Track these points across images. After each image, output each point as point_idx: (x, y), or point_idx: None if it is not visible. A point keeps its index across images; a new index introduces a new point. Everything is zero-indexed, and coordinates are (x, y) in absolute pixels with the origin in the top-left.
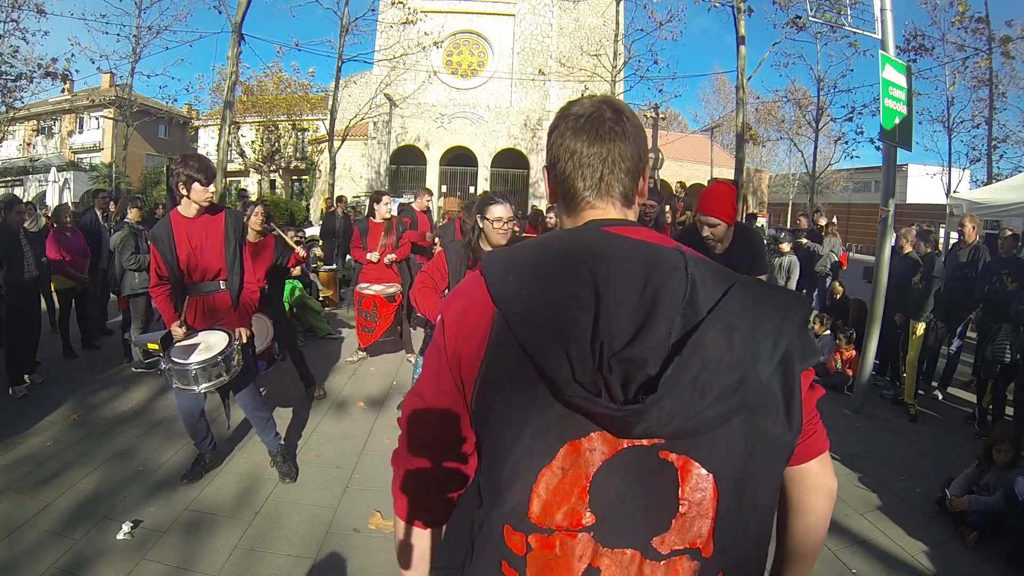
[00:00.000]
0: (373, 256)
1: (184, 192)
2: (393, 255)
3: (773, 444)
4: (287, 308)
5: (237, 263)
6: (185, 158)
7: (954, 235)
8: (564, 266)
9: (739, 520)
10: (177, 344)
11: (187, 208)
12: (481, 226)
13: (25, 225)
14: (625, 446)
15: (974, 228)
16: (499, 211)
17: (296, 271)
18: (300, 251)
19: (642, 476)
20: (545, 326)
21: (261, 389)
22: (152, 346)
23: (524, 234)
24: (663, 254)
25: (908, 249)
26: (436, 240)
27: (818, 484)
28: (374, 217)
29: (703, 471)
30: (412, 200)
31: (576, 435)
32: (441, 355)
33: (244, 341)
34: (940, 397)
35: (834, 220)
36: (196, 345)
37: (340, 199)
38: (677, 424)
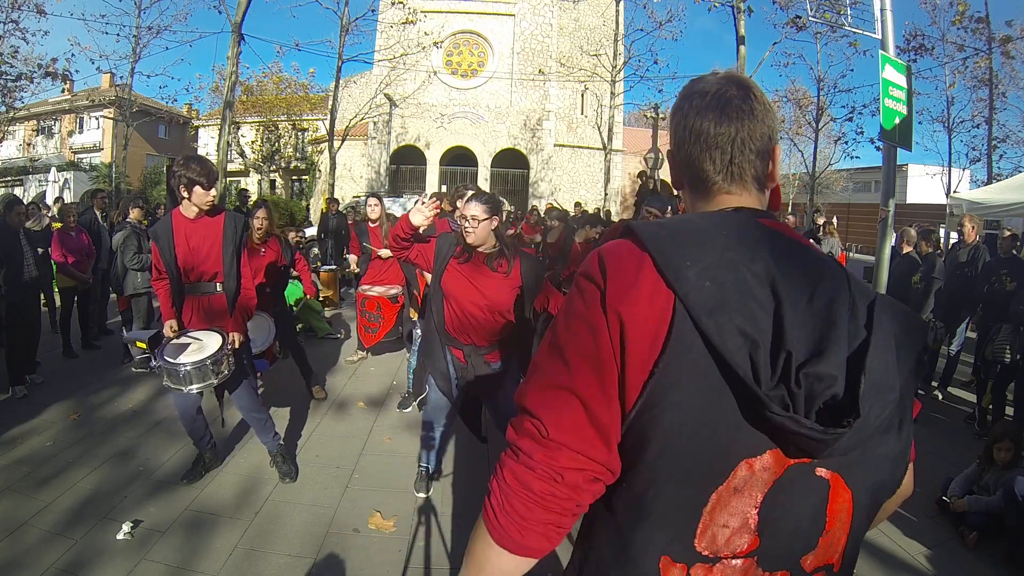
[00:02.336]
0: (384, 253)
1: (185, 195)
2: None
3: (893, 458)
4: (290, 307)
5: (234, 266)
6: (187, 160)
7: (954, 235)
8: (740, 258)
9: (862, 533)
10: (170, 343)
11: (188, 209)
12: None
13: (28, 224)
14: (791, 463)
15: (974, 228)
16: (466, 208)
17: (295, 272)
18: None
19: (800, 493)
20: (732, 323)
21: (259, 386)
22: (140, 344)
23: (515, 233)
24: (824, 262)
25: (908, 249)
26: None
27: (902, 491)
28: (369, 220)
29: (845, 488)
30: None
31: (753, 452)
32: (600, 331)
33: (236, 346)
34: (940, 397)
35: (833, 220)
36: (188, 345)
37: (334, 200)
38: (850, 444)
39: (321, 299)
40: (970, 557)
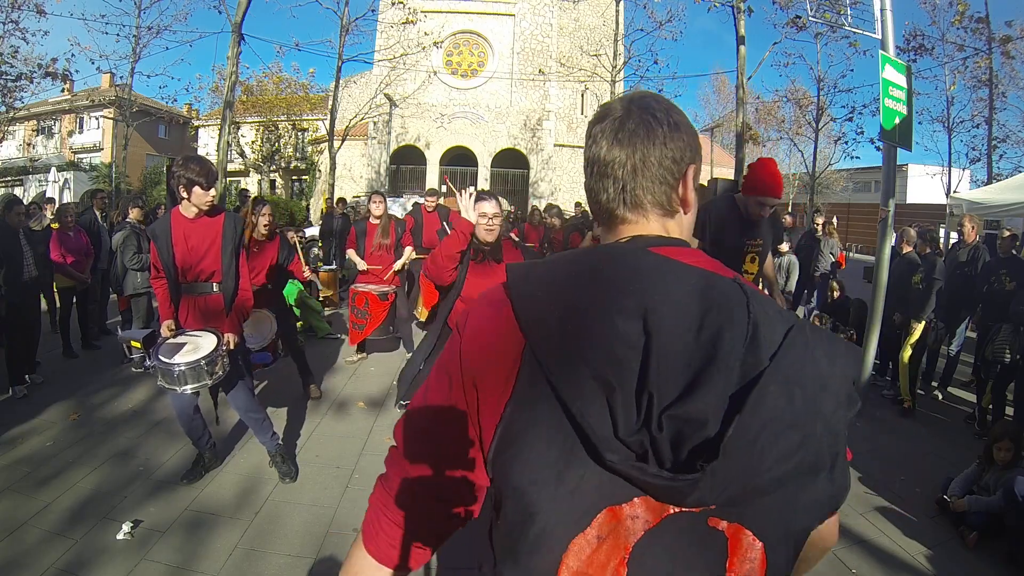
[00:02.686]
0: (362, 266)
1: (184, 195)
2: (401, 261)
3: (818, 504)
4: (291, 306)
5: (232, 267)
6: (187, 160)
7: (954, 235)
8: (608, 294)
9: None
10: (165, 342)
11: (187, 209)
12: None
13: (31, 224)
14: (672, 512)
15: (973, 228)
16: (485, 207)
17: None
18: (306, 273)
19: (688, 546)
20: (585, 369)
21: (256, 384)
22: (135, 344)
23: (513, 234)
24: (722, 287)
25: (908, 249)
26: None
27: (825, 539)
28: (370, 219)
29: (753, 539)
30: (424, 202)
31: (617, 500)
32: (454, 378)
33: (231, 347)
34: (940, 397)
35: (833, 220)
36: (183, 345)
37: (340, 200)
38: (732, 491)
39: (321, 299)
40: (970, 557)
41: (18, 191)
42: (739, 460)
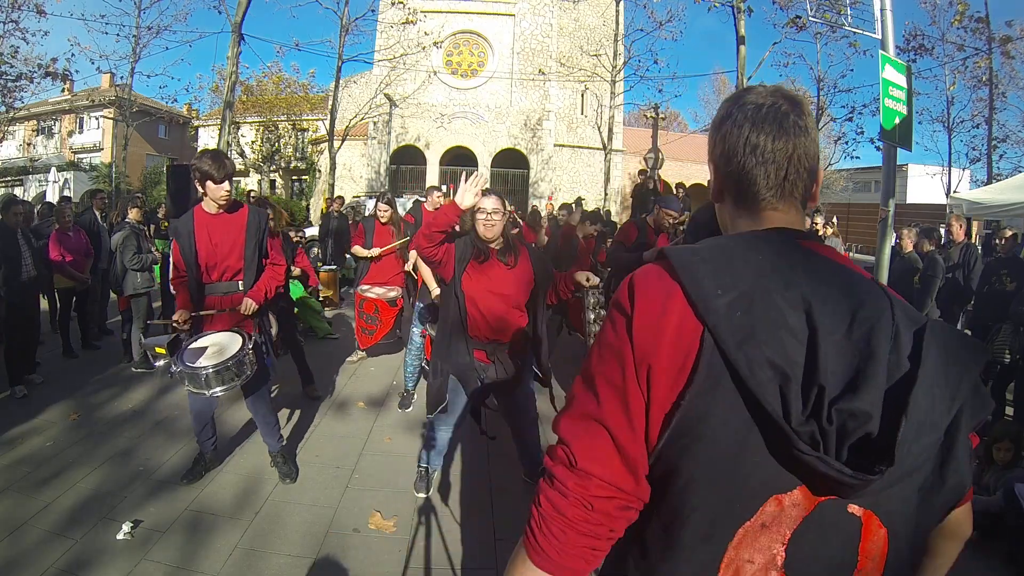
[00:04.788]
0: (373, 252)
1: (201, 189)
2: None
3: (938, 497)
4: (292, 307)
5: (255, 262)
6: (202, 154)
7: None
8: (774, 284)
9: (900, 572)
10: (188, 347)
11: (208, 204)
12: (473, 221)
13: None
14: (822, 500)
15: (961, 227)
16: (484, 203)
17: (296, 270)
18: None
19: (831, 531)
20: (764, 357)
21: (273, 389)
22: (159, 350)
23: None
24: (866, 286)
25: (908, 249)
26: None
27: (958, 531)
28: (379, 220)
29: (879, 525)
30: (425, 200)
31: (781, 488)
32: (627, 361)
33: (249, 312)
34: None
35: (833, 220)
36: (206, 348)
37: (337, 199)
38: (883, 486)
39: (321, 299)
40: (970, 557)
41: (18, 191)
42: (897, 459)
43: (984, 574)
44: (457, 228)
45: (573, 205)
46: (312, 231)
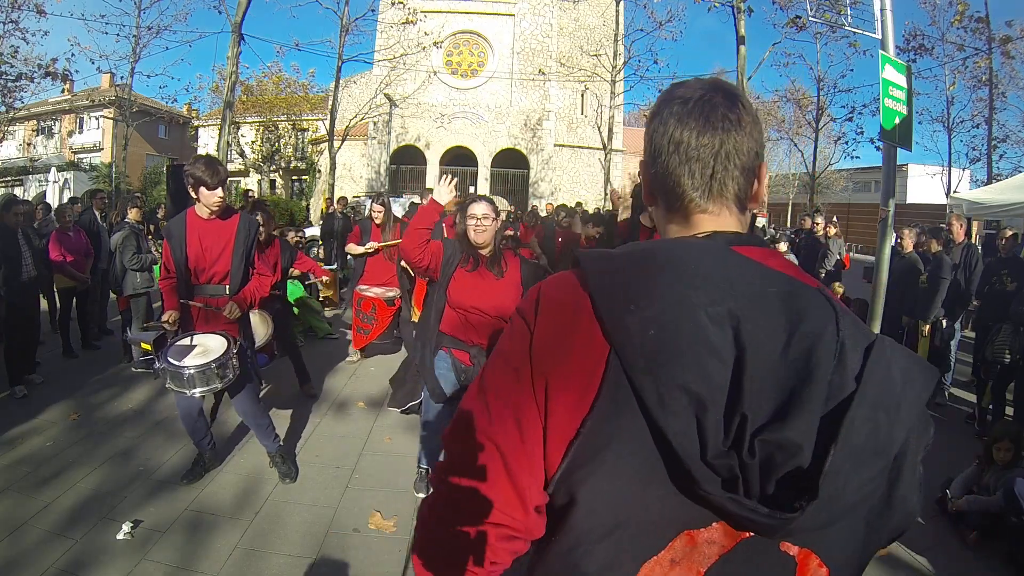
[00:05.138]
0: (371, 245)
1: (194, 194)
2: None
3: (885, 526)
4: (291, 305)
5: (242, 268)
6: (196, 160)
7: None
8: (695, 297)
9: None
10: (174, 345)
11: (201, 209)
12: (464, 226)
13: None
14: (747, 536)
15: (962, 227)
16: (475, 208)
17: (295, 272)
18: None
19: (758, 570)
20: (675, 382)
21: (262, 387)
22: (145, 346)
23: (512, 235)
24: (808, 297)
25: (909, 249)
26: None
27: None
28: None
29: (820, 564)
30: (421, 202)
31: (695, 524)
32: (523, 374)
33: (232, 316)
34: (947, 396)
35: (834, 220)
36: (193, 347)
37: (340, 199)
38: (817, 522)
39: (321, 299)
40: (970, 557)
41: (18, 191)
42: (826, 492)
43: (984, 574)
44: (459, 219)
45: (575, 208)
46: (312, 231)
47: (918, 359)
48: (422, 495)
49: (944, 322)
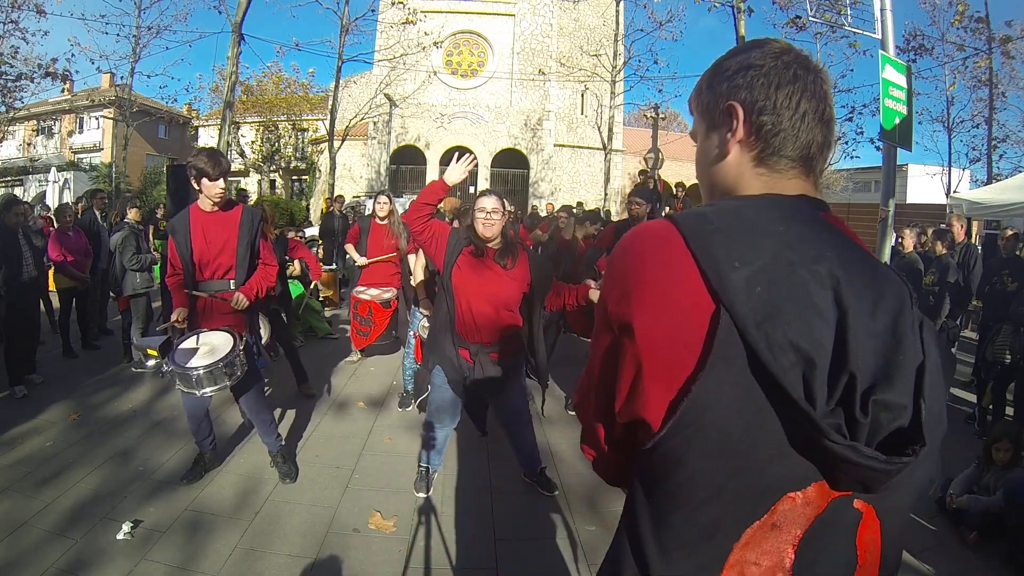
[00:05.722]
0: (362, 261)
1: (196, 186)
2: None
3: (924, 485)
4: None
5: (247, 261)
6: (199, 152)
7: None
8: (800, 257)
9: (893, 565)
10: (180, 347)
11: (203, 202)
12: (472, 218)
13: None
14: (835, 496)
15: (962, 227)
16: (484, 202)
17: (295, 270)
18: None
19: (837, 528)
20: (787, 341)
21: (266, 387)
22: (151, 352)
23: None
24: (885, 271)
25: (909, 249)
26: None
27: None
28: (376, 217)
29: (874, 518)
30: None
31: (797, 485)
32: (642, 342)
33: (240, 306)
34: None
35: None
36: (198, 348)
37: (338, 198)
38: (906, 475)
39: (321, 299)
40: (970, 557)
41: (18, 191)
42: (929, 440)
43: (984, 574)
44: (456, 224)
45: (574, 207)
46: (312, 231)
47: (947, 346)
48: (422, 495)
49: (950, 323)
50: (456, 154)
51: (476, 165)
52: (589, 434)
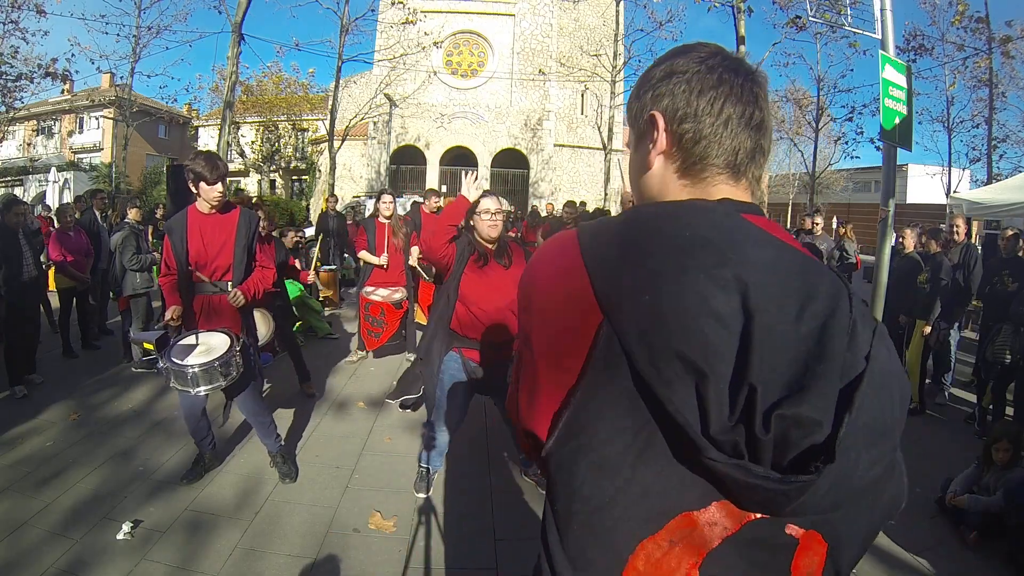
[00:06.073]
0: (382, 260)
1: (194, 189)
2: (415, 253)
3: (885, 509)
4: (291, 307)
5: (244, 263)
6: (196, 155)
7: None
8: (699, 261)
9: None
10: (177, 344)
11: (201, 204)
12: (473, 222)
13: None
14: (753, 518)
15: (964, 227)
16: (488, 203)
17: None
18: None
19: (760, 552)
20: (672, 350)
21: (265, 385)
22: (147, 346)
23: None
24: (819, 272)
25: (909, 249)
26: None
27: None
28: (379, 217)
29: (820, 542)
30: (423, 201)
31: (693, 505)
32: (524, 353)
33: (237, 303)
34: (947, 397)
35: (833, 221)
36: (196, 346)
37: (331, 197)
38: (829, 500)
39: (321, 299)
40: (970, 557)
41: (18, 191)
42: (839, 466)
43: (984, 574)
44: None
45: (577, 204)
46: (312, 231)
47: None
48: (422, 495)
49: (941, 323)
50: (464, 172)
51: (478, 176)
52: (517, 434)
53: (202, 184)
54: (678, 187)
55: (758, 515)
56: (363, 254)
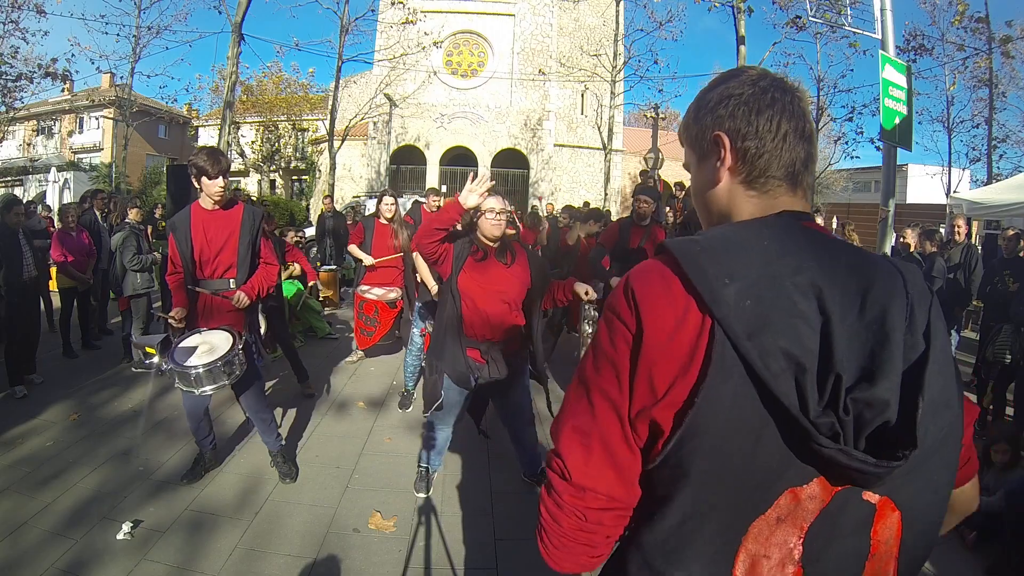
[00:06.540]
0: (369, 260)
1: (197, 185)
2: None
3: (949, 476)
4: (289, 308)
5: (248, 260)
6: (199, 151)
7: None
8: (783, 271)
9: (916, 557)
10: (179, 345)
11: (204, 201)
12: (476, 220)
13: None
14: (839, 490)
15: (965, 227)
16: (492, 203)
17: (295, 270)
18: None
19: (846, 520)
20: (776, 348)
21: (267, 385)
22: (150, 350)
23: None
24: (875, 263)
25: (912, 248)
26: None
27: (964, 507)
28: (380, 218)
29: (893, 508)
30: (424, 201)
31: (797, 482)
32: (622, 370)
33: (241, 304)
34: None
35: (833, 221)
36: (197, 347)
37: (327, 197)
38: (903, 470)
39: (321, 299)
40: (969, 557)
41: (18, 191)
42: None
43: (984, 574)
44: (459, 227)
45: (578, 209)
46: (312, 231)
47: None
48: (422, 495)
49: None
50: (472, 174)
51: (492, 181)
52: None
53: (204, 179)
54: (744, 198)
55: (840, 487)
56: (353, 248)
